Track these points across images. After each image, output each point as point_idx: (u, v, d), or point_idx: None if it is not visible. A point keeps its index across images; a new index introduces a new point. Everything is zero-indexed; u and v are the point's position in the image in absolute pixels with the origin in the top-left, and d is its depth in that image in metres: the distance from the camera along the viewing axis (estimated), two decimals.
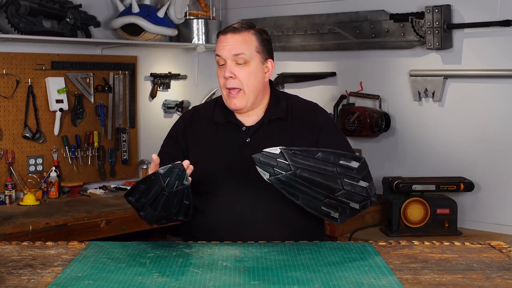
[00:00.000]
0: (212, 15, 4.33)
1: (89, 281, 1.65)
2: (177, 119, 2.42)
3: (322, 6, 4.00)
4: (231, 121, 2.25)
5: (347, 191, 1.99)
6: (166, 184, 1.96)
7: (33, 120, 3.69)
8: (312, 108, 2.32)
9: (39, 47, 3.72)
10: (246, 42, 2.20)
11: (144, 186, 2.00)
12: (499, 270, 1.76)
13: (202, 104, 2.45)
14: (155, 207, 2.03)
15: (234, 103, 2.20)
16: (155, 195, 2.00)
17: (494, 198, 3.41)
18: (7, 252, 1.91)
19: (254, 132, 2.23)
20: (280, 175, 1.93)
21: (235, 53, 2.18)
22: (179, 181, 1.97)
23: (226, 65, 2.19)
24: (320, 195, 1.99)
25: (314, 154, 1.95)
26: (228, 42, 2.19)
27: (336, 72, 4.01)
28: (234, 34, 2.20)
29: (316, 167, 1.95)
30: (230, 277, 1.69)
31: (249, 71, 2.19)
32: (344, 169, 1.98)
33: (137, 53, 4.15)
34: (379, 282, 1.65)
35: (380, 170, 3.70)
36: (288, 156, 1.92)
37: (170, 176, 1.96)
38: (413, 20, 3.57)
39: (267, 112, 2.26)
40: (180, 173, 1.97)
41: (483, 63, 3.41)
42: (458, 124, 3.52)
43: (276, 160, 1.92)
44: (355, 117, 3.74)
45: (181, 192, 1.99)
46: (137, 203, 2.05)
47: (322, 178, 1.96)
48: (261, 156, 1.93)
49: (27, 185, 3.63)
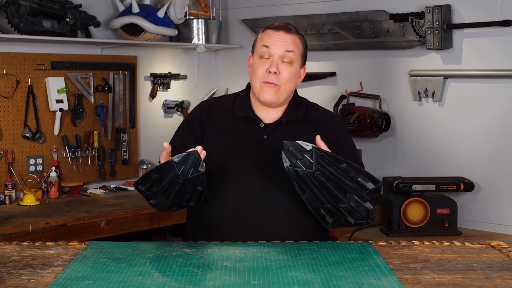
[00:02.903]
0: (212, 15, 4.33)
1: (89, 281, 1.65)
2: (194, 108, 2.42)
3: (322, 6, 4.00)
4: (250, 116, 2.26)
5: (351, 206, 2.02)
6: (181, 172, 1.96)
7: (33, 120, 3.69)
8: (331, 117, 2.39)
9: (39, 47, 3.72)
10: (296, 44, 2.25)
11: (156, 175, 2.00)
12: (499, 270, 1.76)
13: (221, 96, 2.47)
14: (167, 195, 2.04)
15: (268, 95, 2.20)
16: (169, 183, 2.00)
17: (494, 198, 3.41)
18: (7, 252, 1.91)
19: (272, 130, 2.24)
20: (300, 170, 1.95)
21: (287, 50, 2.21)
22: (194, 168, 1.97)
23: (273, 59, 2.20)
24: (325, 199, 2.01)
25: (339, 163, 1.97)
26: (280, 38, 2.22)
27: (336, 72, 4.01)
28: (287, 33, 2.24)
29: (335, 176, 1.97)
30: (230, 277, 1.69)
31: (292, 71, 2.24)
32: (359, 186, 2.00)
33: (137, 53, 4.16)
34: (379, 282, 1.65)
35: (380, 170, 3.69)
36: (316, 156, 1.94)
37: (185, 164, 1.96)
38: (413, 20, 3.56)
39: (287, 112, 2.28)
40: (195, 160, 1.96)
41: (483, 63, 3.41)
42: (458, 124, 3.52)
43: (303, 155, 1.94)
44: (355, 117, 3.74)
45: (196, 178, 1.99)
46: (148, 191, 2.05)
47: (334, 186, 1.98)
48: (291, 146, 1.94)
49: (27, 185, 3.63)
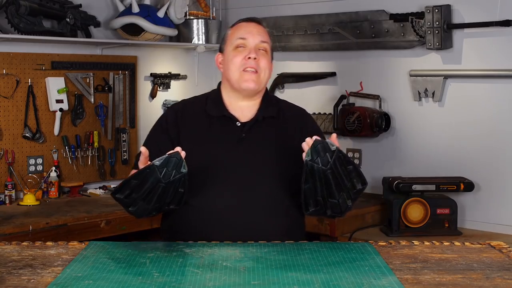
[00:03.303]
0: (212, 15, 4.33)
1: (89, 281, 1.65)
2: (166, 110, 2.41)
3: (322, 6, 4.00)
4: (225, 115, 2.26)
5: (338, 203, 2.05)
6: (163, 175, 1.93)
7: (33, 120, 3.69)
8: (303, 113, 2.40)
9: (39, 47, 3.72)
10: (267, 35, 2.30)
11: (136, 181, 1.96)
12: (499, 270, 1.76)
13: (192, 98, 2.44)
14: (148, 200, 1.99)
15: (249, 82, 2.22)
16: (150, 188, 1.96)
17: (494, 198, 3.41)
18: (7, 252, 1.91)
19: (249, 128, 2.24)
20: (316, 165, 1.96)
21: (263, 40, 2.25)
22: (177, 169, 1.94)
23: (250, 48, 2.23)
24: (320, 193, 2.02)
25: (348, 164, 1.99)
26: (255, 29, 2.26)
27: (336, 72, 4.01)
28: (258, 25, 2.29)
29: (339, 175, 1.99)
30: (230, 277, 1.69)
31: (268, 59, 2.27)
32: (351, 185, 2.03)
33: (137, 53, 4.16)
34: (379, 282, 1.65)
35: (380, 170, 3.70)
36: (335, 157, 1.96)
37: (167, 167, 1.93)
38: (413, 20, 3.56)
39: (261, 109, 2.28)
40: (177, 161, 1.93)
41: (483, 63, 3.41)
42: (458, 124, 3.52)
43: (325, 154, 1.96)
44: (355, 117, 3.74)
45: (178, 180, 1.96)
46: (126, 199, 2.00)
47: (335, 184, 2.01)
48: (320, 144, 1.96)
49: (27, 185, 3.63)
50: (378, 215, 3.56)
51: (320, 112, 4.04)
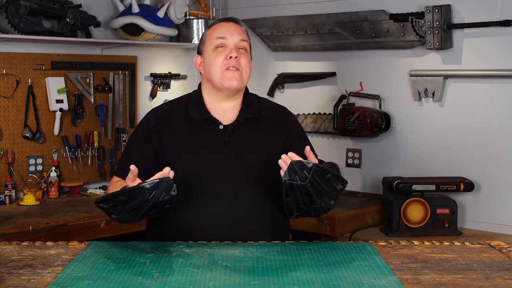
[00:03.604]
0: (212, 15, 4.33)
1: (89, 281, 1.65)
2: (146, 115, 2.34)
3: (322, 6, 4.00)
4: (208, 119, 2.25)
5: (321, 206, 2.06)
6: (152, 196, 1.91)
7: (33, 120, 3.69)
8: (284, 112, 2.39)
9: (39, 47, 3.72)
10: (246, 34, 2.29)
11: (124, 197, 1.94)
12: (499, 270, 1.76)
13: (171, 101, 2.41)
14: (133, 214, 1.97)
15: (232, 80, 2.20)
16: (137, 205, 1.94)
17: (494, 198, 3.41)
18: (7, 252, 1.91)
19: (233, 131, 2.23)
20: (295, 183, 1.98)
21: (242, 39, 2.25)
22: (166, 192, 1.92)
23: (230, 47, 2.22)
24: (302, 202, 2.04)
25: (326, 173, 2.01)
26: (234, 28, 2.26)
27: (336, 72, 4.01)
28: (236, 24, 2.28)
29: (319, 184, 2.00)
30: (230, 277, 1.69)
31: (248, 59, 2.27)
32: (331, 189, 2.05)
33: (137, 53, 4.16)
34: (379, 282, 1.65)
35: (380, 170, 3.70)
36: (312, 172, 1.97)
37: (156, 190, 1.91)
38: (413, 20, 3.56)
39: (243, 111, 2.27)
40: (168, 186, 1.91)
41: (483, 63, 3.41)
42: (458, 124, 3.52)
43: (303, 171, 1.97)
44: (355, 117, 3.74)
45: (166, 201, 1.95)
46: (111, 209, 1.99)
47: (316, 193, 2.02)
48: (296, 165, 1.96)
49: (27, 185, 3.63)
50: (378, 215, 3.56)
51: (320, 112, 4.04)
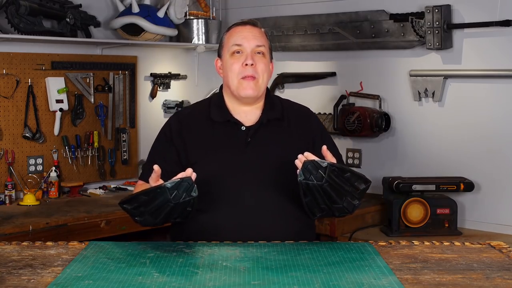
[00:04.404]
0: (212, 15, 4.33)
1: (89, 281, 1.65)
2: (169, 119, 2.38)
3: (322, 6, 4.00)
4: (230, 120, 2.25)
5: (343, 207, 2.05)
6: (173, 196, 1.93)
7: (33, 120, 3.69)
8: (306, 113, 2.40)
9: (39, 47, 3.72)
10: (264, 37, 2.27)
11: (146, 197, 1.97)
12: (499, 270, 1.76)
13: (194, 104, 2.44)
14: (155, 216, 2.00)
15: (248, 90, 2.21)
16: (158, 206, 1.96)
17: (494, 198, 3.41)
18: (7, 252, 1.91)
19: (255, 132, 2.23)
20: (311, 183, 1.97)
21: (258, 44, 2.23)
22: (187, 193, 1.94)
23: (247, 53, 2.21)
24: (322, 202, 2.03)
25: (344, 172, 2.00)
26: (250, 33, 2.24)
27: (336, 72, 4.01)
28: (254, 27, 2.26)
29: (338, 184, 2.00)
30: (230, 277, 1.69)
31: (266, 62, 2.25)
32: (353, 188, 2.03)
33: (137, 53, 4.16)
34: (379, 282, 1.65)
35: (380, 170, 3.70)
36: (328, 171, 1.97)
37: (177, 190, 1.93)
38: (413, 20, 3.56)
39: (265, 112, 2.27)
40: (189, 186, 1.94)
41: (483, 63, 3.41)
42: (458, 124, 3.52)
43: (318, 171, 1.96)
44: (355, 117, 3.74)
45: (187, 202, 1.97)
46: (134, 210, 2.01)
47: (335, 193, 2.01)
48: (310, 164, 1.96)
49: (27, 185, 3.63)
50: (378, 215, 3.56)
51: (320, 112, 4.03)
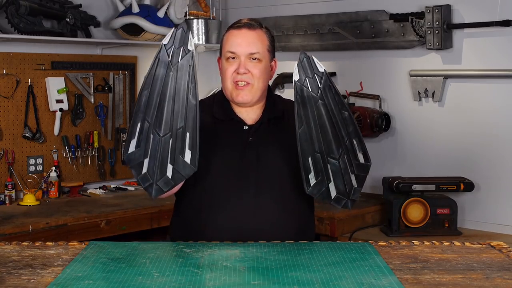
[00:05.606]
0: (212, 15, 4.33)
1: (89, 281, 1.65)
2: None
3: (322, 6, 4.00)
4: (233, 119, 2.25)
5: (339, 168, 1.99)
6: (171, 57, 1.94)
7: (33, 120, 3.69)
8: None
9: (39, 47, 3.72)
10: (260, 40, 2.20)
11: (147, 91, 1.99)
12: (499, 270, 1.76)
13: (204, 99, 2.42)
14: (159, 123, 1.95)
15: (242, 96, 2.18)
16: (159, 89, 1.98)
17: (494, 198, 3.41)
18: (7, 252, 1.91)
19: (256, 131, 2.23)
20: (305, 89, 1.93)
21: (252, 52, 2.17)
22: (184, 46, 1.94)
23: (240, 60, 2.17)
24: (317, 143, 1.98)
25: (343, 108, 1.95)
26: (244, 39, 2.18)
27: (336, 72, 4.01)
28: (249, 30, 2.19)
29: (335, 118, 1.95)
30: (230, 277, 1.69)
31: (261, 68, 2.19)
32: (351, 148, 1.99)
33: (137, 53, 4.16)
34: (379, 282, 1.65)
35: (380, 170, 3.69)
36: (324, 83, 1.92)
37: (174, 44, 1.94)
38: (413, 20, 3.56)
39: (266, 111, 2.26)
40: (184, 34, 1.94)
41: (483, 63, 3.41)
42: (458, 124, 3.52)
43: (313, 74, 1.91)
44: (355, 117, 3.73)
45: (186, 89, 1.95)
46: (138, 153, 1.96)
47: (331, 131, 1.97)
48: (305, 58, 1.91)
49: (27, 185, 3.63)
50: (378, 215, 3.56)
51: None
